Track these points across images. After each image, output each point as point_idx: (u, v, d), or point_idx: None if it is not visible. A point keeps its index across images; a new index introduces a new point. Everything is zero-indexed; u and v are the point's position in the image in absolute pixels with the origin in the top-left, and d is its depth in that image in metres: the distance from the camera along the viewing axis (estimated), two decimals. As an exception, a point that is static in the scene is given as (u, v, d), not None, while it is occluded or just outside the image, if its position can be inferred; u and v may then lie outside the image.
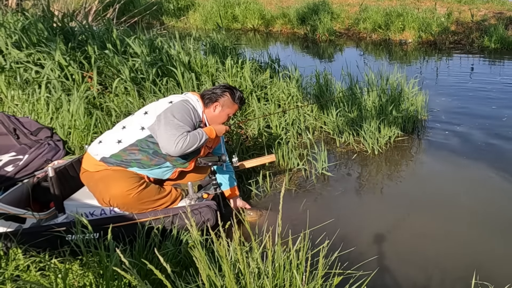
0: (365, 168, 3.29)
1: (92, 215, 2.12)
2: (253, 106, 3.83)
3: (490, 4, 11.81)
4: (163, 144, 2.05)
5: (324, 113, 4.03)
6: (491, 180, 3.08)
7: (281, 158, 3.23)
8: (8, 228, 2.01)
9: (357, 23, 10.70)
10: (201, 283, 1.46)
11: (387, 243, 2.30)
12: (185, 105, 2.17)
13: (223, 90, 2.32)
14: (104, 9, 7.26)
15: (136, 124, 2.12)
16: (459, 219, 2.55)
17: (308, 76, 4.83)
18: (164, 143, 2.04)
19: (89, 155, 2.13)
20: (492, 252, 2.25)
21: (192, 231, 1.52)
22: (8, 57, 3.87)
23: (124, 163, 2.10)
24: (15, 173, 2.42)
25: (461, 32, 9.61)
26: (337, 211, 2.64)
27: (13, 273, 1.59)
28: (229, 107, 2.33)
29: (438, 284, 2.00)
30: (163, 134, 2.04)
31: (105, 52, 4.13)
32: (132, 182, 2.07)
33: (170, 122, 2.06)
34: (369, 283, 1.61)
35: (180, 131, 2.05)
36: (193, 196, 2.29)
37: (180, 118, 2.09)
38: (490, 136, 3.92)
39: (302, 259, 1.52)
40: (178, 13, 12.90)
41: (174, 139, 2.02)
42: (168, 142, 2.03)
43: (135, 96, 3.74)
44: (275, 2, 13.23)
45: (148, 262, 1.28)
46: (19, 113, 3.30)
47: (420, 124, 4.19)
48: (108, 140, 2.13)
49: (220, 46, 5.05)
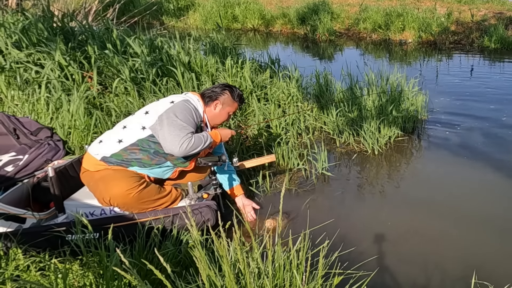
0: (365, 168, 3.29)
1: (92, 215, 2.12)
2: (253, 106, 3.83)
3: (490, 4, 11.81)
4: (167, 145, 2.05)
5: (324, 113, 4.03)
6: (491, 180, 3.08)
7: (281, 158, 3.23)
8: (8, 228, 2.01)
9: (357, 23, 10.71)
10: (201, 283, 1.46)
11: (387, 243, 2.30)
12: (187, 105, 2.18)
13: (223, 88, 2.33)
14: (104, 9, 7.27)
15: (137, 123, 2.13)
16: (459, 219, 2.55)
17: (308, 76, 4.84)
18: (169, 144, 2.04)
19: (89, 155, 2.13)
20: (492, 252, 2.25)
21: (192, 231, 1.52)
22: (8, 57, 3.87)
23: (124, 163, 2.10)
24: (15, 173, 2.43)
25: (461, 32, 9.61)
26: (337, 211, 2.64)
27: (13, 273, 1.58)
28: (229, 105, 2.35)
29: (438, 284, 1.99)
30: (167, 135, 2.04)
31: (105, 52, 4.13)
32: (132, 182, 2.07)
33: (173, 122, 2.06)
34: (369, 283, 1.61)
35: (184, 132, 2.06)
36: (193, 196, 2.30)
37: (183, 119, 2.10)
38: (490, 136, 3.92)
39: (302, 259, 1.52)
40: (178, 13, 12.92)
41: (179, 140, 2.02)
42: (173, 143, 2.03)
43: (135, 96, 3.74)
44: (275, 2, 13.23)
45: (148, 262, 1.28)
46: (19, 113, 3.30)
47: (420, 124, 4.18)
48: (108, 140, 2.13)
49: (220, 46, 5.05)
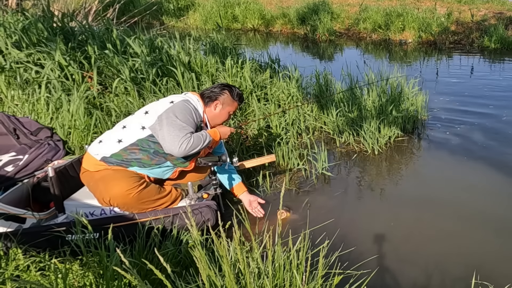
0: (365, 168, 3.29)
1: (92, 215, 2.12)
2: (253, 106, 3.83)
3: (490, 4, 11.82)
4: (166, 145, 2.05)
5: (324, 113, 4.03)
6: (491, 180, 3.08)
7: (281, 158, 3.23)
8: (8, 228, 2.01)
9: (357, 23, 10.71)
10: (201, 283, 1.46)
11: (387, 243, 2.30)
12: (187, 105, 2.17)
13: (222, 88, 2.33)
14: (104, 9, 7.27)
15: (136, 123, 2.12)
16: (459, 219, 2.55)
17: (308, 76, 4.83)
18: (168, 144, 2.04)
19: (89, 155, 2.13)
20: (492, 252, 2.25)
21: (192, 231, 1.52)
22: (8, 57, 3.87)
23: (124, 163, 2.10)
24: (15, 173, 2.42)
25: (461, 32, 9.62)
26: (337, 211, 2.64)
27: (13, 273, 1.58)
28: (229, 105, 2.34)
29: (438, 284, 1.99)
30: (166, 135, 2.04)
31: (105, 52, 4.13)
32: (132, 182, 2.07)
33: (173, 122, 2.06)
34: (369, 283, 1.61)
35: (183, 132, 2.05)
36: (193, 196, 2.30)
37: (183, 119, 2.09)
38: (490, 136, 3.92)
39: (302, 259, 1.52)
40: (178, 13, 12.92)
41: (178, 140, 2.02)
42: (172, 143, 2.03)
43: (135, 96, 3.74)
44: (275, 2, 13.24)
45: (148, 262, 1.28)
46: (19, 113, 3.30)
47: (420, 124, 4.19)
48: (108, 140, 2.13)
49: (220, 46, 5.05)
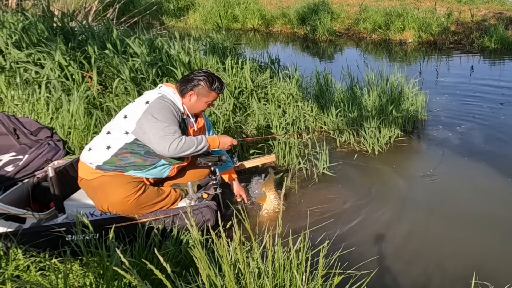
0: (365, 168, 3.29)
1: (92, 215, 2.12)
2: (253, 106, 3.83)
3: (490, 4, 11.80)
4: (156, 148, 2.01)
5: (324, 113, 4.03)
6: (491, 180, 3.08)
7: (281, 158, 3.23)
8: (8, 228, 2.01)
9: (357, 23, 10.70)
10: (201, 283, 1.45)
11: (387, 243, 2.30)
12: (163, 102, 2.09)
13: (198, 78, 2.21)
14: (104, 9, 7.25)
15: (119, 128, 2.07)
16: (459, 219, 2.55)
17: (308, 76, 4.83)
18: (157, 147, 2.00)
19: (83, 164, 2.09)
20: (492, 252, 2.25)
21: (192, 231, 1.52)
22: (8, 57, 3.87)
23: (119, 168, 2.07)
24: (15, 173, 2.42)
25: (461, 32, 9.61)
26: (337, 211, 2.64)
27: (13, 273, 1.58)
28: (205, 95, 2.23)
29: (438, 284, 1.99)
30: (153, 139, 1.99)
31: (105, 52, 4.13)
32: (130, 188, 2.05)
33: (154, 125, 2.00)
34: (369, 283, 1.61)
35: (167, 131, 2.00)
36: (193, 196, 2.29)
37: (162, 118, 2.02)
38: (490, 135, 3.92)
39: (302, 259, 1.52)
40: (178, 13, 12.92)
41: (165, 141, 1.98)
42: (160, 145, 1.98)
43: (135, 96, 3.73)
44: (275, 2, 13.23)
45: (148, 262, 1.28)
46: (19, 113, 3.30)
47: (420, 124, 4.19)
48: (97, 147, 2.08)
49: (220, 46, 5.05)
